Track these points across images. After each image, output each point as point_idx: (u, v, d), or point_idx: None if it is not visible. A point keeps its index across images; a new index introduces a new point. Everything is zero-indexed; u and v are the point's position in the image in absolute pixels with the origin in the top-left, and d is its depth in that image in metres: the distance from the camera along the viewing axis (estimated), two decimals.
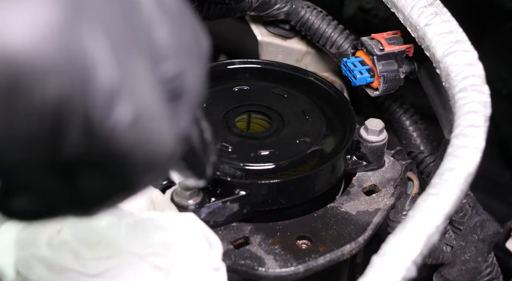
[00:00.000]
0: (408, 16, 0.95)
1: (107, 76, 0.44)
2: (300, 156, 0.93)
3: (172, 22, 0.51)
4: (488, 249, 1.03)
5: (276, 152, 0.93)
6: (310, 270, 0.84)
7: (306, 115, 1.00)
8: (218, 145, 0.92)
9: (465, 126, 0.80)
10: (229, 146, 0.92)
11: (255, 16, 1.22)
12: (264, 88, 1.05)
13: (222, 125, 0.96)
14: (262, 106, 1.01)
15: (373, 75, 1.01)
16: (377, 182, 0.98)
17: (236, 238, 0.87)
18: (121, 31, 0.46)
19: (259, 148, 0.93)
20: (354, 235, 0.88)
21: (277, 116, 0.99)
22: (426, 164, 1.14)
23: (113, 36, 0.45)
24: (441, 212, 0.72)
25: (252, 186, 0.88)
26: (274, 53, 1.25)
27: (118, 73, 0.44)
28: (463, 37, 0.91)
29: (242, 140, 0.94)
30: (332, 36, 1.15)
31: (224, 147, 0.92)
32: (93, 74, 0.43)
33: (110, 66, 0.44)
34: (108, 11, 0.45)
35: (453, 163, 0.76)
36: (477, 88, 0.84)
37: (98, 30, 0.44)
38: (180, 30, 0.52)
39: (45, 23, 0.41)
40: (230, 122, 0.97)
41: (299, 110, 1.01)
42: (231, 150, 0.92)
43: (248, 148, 0.93)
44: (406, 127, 1.15)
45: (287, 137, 0.96)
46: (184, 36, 0.52)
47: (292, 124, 0.98)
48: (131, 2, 0.48)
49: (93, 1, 0.44)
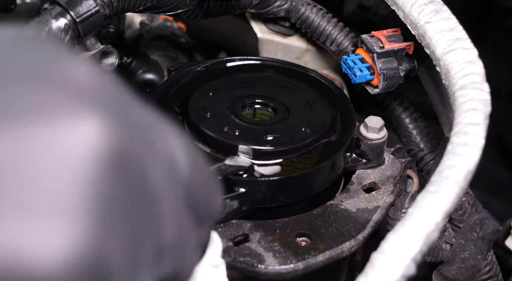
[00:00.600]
0: (408, 14, 0.95)
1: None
2: (307, 142, 0.93)
3: (180, 219, 0.51)
4: (488, 247, 1.03)
5: (282, 137, 0.93)
6: (309, 267, 0.84)
7: (312, 106, 1.00)
8: (225, 129, 0.92)
9: (465, 124, 0.80)
10: (236, 130, 0.93)
11: (255, 14, 1.22)
12: (270, 79, 1.06)
13: (228, 113, 0.96)
14: (267, 97, 1.01)
15: (373, 72, 1.01)
16: (377, 179, 0.98)
17: (235, 235, 0.87)
18: (136, 236, 0.46)
19: (266, 133, 0.93)
20: (353, 232, 0.88)
21: (283, 106, 0.99)
22: (426, 162, 1.14)
23: (130, 246, 0.45)
24: (441, 210, 0.72)
25: (251, 183, 0.88)
26: (274, 51, 1.25)
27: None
28: (463, 34, 0.91)
29: (249, 126, 0.94)
30: (332, 33, 1.15)
31: (231, 131, 0.93)
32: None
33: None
34: (128, 219, 0.45)
35: (453, 161, 0.76)
36: (477, 86, 0.84)
37: (119, 247, 0.44)
38: (186, 225, 0.52)
39: (74, 249, 0.40)
40: (236, 111, 0.97)
41: (305, 101, 1.01)
42: (238, 134, 0.92)
43: (255, 133, 0.93)
44: (406, 125, 1.15)
45: (293, 125, 0.96)
46: (189, 231, 0.53)
47: (297, 114, 0.98)
48: (148, 200, 0.47)
49: (119, 214, 0.44)
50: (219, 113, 0.96)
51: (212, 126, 0.93)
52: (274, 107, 1.00)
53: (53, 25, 0.89)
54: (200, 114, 0.95)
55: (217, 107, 0.97)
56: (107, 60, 0.99)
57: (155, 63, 1.34)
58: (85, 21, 0.91)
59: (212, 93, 1.00)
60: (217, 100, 0.99)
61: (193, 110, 0.96)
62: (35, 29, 0.87)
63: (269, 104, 1.00)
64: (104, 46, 0.97)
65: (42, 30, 0.88)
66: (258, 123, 0.97)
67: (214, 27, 1.60)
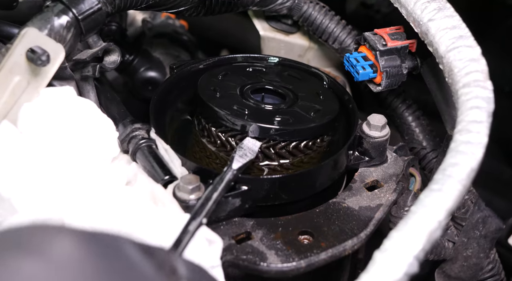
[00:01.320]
0: (411, 11, 0.95)
1: None
2: (315, 126, 0.94)
3: None
4: (490, 245, 1.03)
5: (290, 119, 0.94)
6: (311, 265, 0.84)
7: (320, 95, 1.00)
8: (235, 107, 0.94)
9: (468, 122, 0.79)
10: (246, 109, 0.94)
11: (258, 11, 1.21)
12: (278, 69, 1.07)
13: (238, 97, 0.97)
14: (277, 84, 1.02)
15: (376, 70, 1.00)
16: (379, 177, 0.98)
17: (238, 233, 0.86)
18: None
19: (275, 114, 0.94)
20: (356, 230, 0.88)
21: (291, 93, 1.00)
22: (429, 160, 1.14)
23: None
24: (444, 208, 0.72)
25: (254, 181, 0.88)
26: (276, 48, 1.25)
27: None
28: (466, 32, 0.91)
29: (259, 108, 0.95)
30: (335, 31, 1.15)
31: (241, 109, 0.93)
32: None
33: None
34: None
35: (456, 159, 0.76)
36: (480, 84, 0.83)
37: None
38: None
39: None
40: (246, 95, 0.98)
41: (313, 90, 1.02)
42: (247, 113, 0.93)
43: (264, 114, 0.94)
44: (409, 122, 1.15)
45: (302, 109, 0.97)
46: None
47: (306, 100, 0.99)
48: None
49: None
50: (229, 94, 0.97)
51: (222, 104, 0.94)
52: (282, 93, 1.00)
53: (55, 22, 0.89)
54: (210, 93, 0.96)
55: (227, 88, 0.98)
56: (109, 58, 0.99)
57: (157, 60, 1.34)
58: (87, 19, 0.91)
59: (222, 77, 1.01)
60: (227, 83, 1.00)
61: (203, 89, 0.97)
62: (37, 26, 0.87)
63: (278, 91, 1.01)
64: (106, 43, 0.97)
65: (44, 27, 0.87)
66: (267, 105, 0.97)
67: (216, 24, 1.60)
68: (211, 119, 0.95)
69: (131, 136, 0.93)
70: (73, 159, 0.84)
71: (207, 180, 0.87)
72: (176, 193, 0.85)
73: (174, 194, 0.85)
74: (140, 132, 0.94)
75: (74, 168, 0.83)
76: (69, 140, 0.85)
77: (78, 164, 0.83)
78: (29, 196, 0.79)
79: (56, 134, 0.84)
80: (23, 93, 0.86)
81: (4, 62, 0.84)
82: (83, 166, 0.84)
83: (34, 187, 0.80)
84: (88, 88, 0.99)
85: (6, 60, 0.84)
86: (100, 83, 1.02)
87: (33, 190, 0.80)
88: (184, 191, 0.85)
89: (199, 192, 0.85)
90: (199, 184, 0.85)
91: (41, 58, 0.83)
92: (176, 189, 0.86)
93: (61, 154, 0.83)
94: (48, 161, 0.82)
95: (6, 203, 0.80)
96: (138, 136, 0.93)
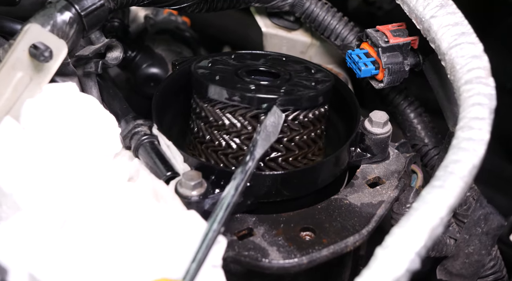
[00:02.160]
0: (413, 8, 0.95)
1: None
2: (322, 90, 0.94)
3: None
4: (492, 242, 1.03)
5: (296, 89, 0.93)
6: (313, 261, 0.84)
7: (311, 69, 1.01)
8: (239, 85, 0.93)
9: (470, 119, 0.80)
10: (252, 86, 0.93)
11: (260, 8, 1.22)
12: (262, 56, 1.07)
13: (236, 78, 0.96)
14: (267, 66, 1.01)
15: (378, 67, 1.00)
16: (381, 174, 0.98)
17: (239, 230, 0.87)
18: None
19: (280, 87, 0.94)
20: (357, 227, 0.88)
21: (283, 71, 1.00)
22: (430, 156, 1.14)
23: None
24: (446, 205, 0.72)
25: (256, 177, 0.88)
26: (278, 45, 1.25)
27: None
28: (468, 29, 0.91)
29: (262, 85, 0.95)
30: (337, 28, 1.15)
31: (246, 87, 0.92)
32: None
33: None
34: None
35: (458, 156, 0.76)
36: (482, 81, 0.83)
37: None
38: None
39: None
40: (242, 76, 0.97)
41: (302, 66, 1.02)
42: (254, 89, 0.92)
43: (270, 88, 0.93)
44: (411, 119, 1.15)
45: (302, 80, 0.97)
46: None
47: (300, 74, 0.99)
48: None
49: None
50: (227, 76, 0.96)
51: (226, 83, 0.93)
52: (276, 72, 1.00)
53: (58, 18, 0.89)
54: (210, 77, 0.95)
55: (222, 72, 0.97)
56: (111, 54, 0.99)
57: (160, 57, 1.34)
58: (90, 15, 0.91)
59: (211, 65, 1.00)
60: (220, 68, 0.99)
61: (200, 74, 0.96)
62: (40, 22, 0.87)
63: (271, 71, 1.00)
64: (109, 40, 0.97)
65: (47, 23, 0.88)
66: (267, 81, 0.97)
67: (219, 21, 1.60)
68: (216, 101, 0.93)
69: (133, 132, 0.93)
70: (76, 155, 0.84)
71: (209, 176, 0.87)
72: (178, 189, 0.85)
73: (176, 190, 0.85)
74: (142, 128, 0.94)
75: (76, 164, 0.83)
76: (71, 136, 0.85)
77: (80, 160, 0.84)
78: (32, 192, 0.79)
79: (58, 130, 0.84)
80: (25, 89, 0.86)
81: (6, 58, 0.84)
82: (85, 162, 0.84)
83: (36, 183, 0.80)
84: (91, 84, 0.99)
85: (9, 56, 0.84)
86: (102, 79, 1.02)
87: (35, 186, 0.80)
88: (186, 187, 0.85)
89: (201, 189, 0.85)
90: (201, 180, 0.85)
91: (43, 54, 0.83)
92: (178, 185, 0.86)
93: (64, 150, 0.84)
94: (51, 157, 0.82)
95: (9, 199, 0.80)
96: (140, 132, 0.93)
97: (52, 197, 0.80)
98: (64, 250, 0.75)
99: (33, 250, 0.75)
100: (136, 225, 0.78)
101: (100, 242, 0.77)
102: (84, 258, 0.75)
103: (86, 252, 0.76)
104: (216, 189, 0.87)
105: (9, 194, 0.79)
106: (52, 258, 0.75)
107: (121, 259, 0.76)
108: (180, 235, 0.78)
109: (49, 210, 0.78)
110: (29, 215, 0.77)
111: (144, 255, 0.76)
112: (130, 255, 0.76)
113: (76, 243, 0.76)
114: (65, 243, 0.76)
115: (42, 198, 0.79)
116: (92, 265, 0.75)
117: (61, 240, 0.76)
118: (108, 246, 0.76)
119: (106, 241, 0.77)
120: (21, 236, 0.76)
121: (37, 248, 0.75)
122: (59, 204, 0.79)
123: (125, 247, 0.76)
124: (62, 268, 0.74)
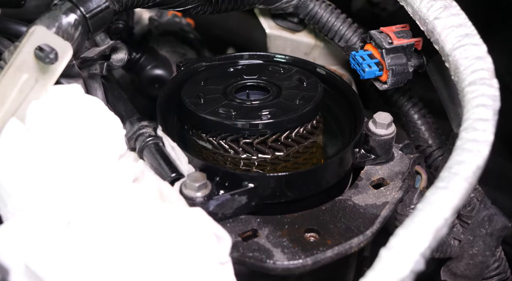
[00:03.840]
0: (417, 10, 0.95)
1: None
2: (301, 112, 0.95)
3: None
4: (496, 244, 1.03)
5: (277, 111, 0.95)
6: (318, 262, 0.84)
7: (303, 82, 1.01)
8: (220, 110, 0.95)
9: (474, 120, 0.80)
10: (233, 110, 0.95)
11: (264, 9, 1.22)
12: (260, 65, 1.08)
13: (222, 98, 0.98)
14: (259, 80, 1.03)
15: (382, 68, 1.01)
16: (385, 175, 0.98)
17: (244, 231, 0.87)
18: None
19: (261, 109, 0.95)
20: (362, 228, 0.88)
21: (274, 85, 1.01)
22: (434, 158, 1.14)
23: None
24: (450, 206, 0.72)
25: (260, 178, 0.88)
26: (282, 46, 1.25)
27: None
28: (472, 30, 0.91)
29: (244, 107, 0.96)
30: (341, 29, 1.15)
31: (227, 112, 0.95)
32: None
33: None
34: None
35: (462, 157, 0.76)
36: (486, 82, 0.83)
37: None
38: None
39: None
40: (230, 95, 0.99)
41: (296, 78, 1.03)
42: (234, 114, 0.94)
43: (251, 111, 0.95)
44: (415, 120, 1.15)
45: (287, 99, 0.98)
46: None
47: (290, 89, 1.00)
48: None
49: None
50: (213, 98, 0.98)
51: (207, 110, 0.95)
52: (266, 87, 1.01)
53: (63, 20, 0.89)
54: (194, 101, 0.97)
55: (210, 92, 0.99)
56: (116, 56, 0.99)
57: (164, 58, 1.34)
58: (95, 17, 0.91)
59: (204, 83, 1.02)
60: (210, 88, 1.00)
61: (187, 97, 0.98)
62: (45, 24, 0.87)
63: (260, 85, 1.02)
64: (114, 41, 0.97)
65: (52, 25, 0.88)
66: (253, 101, 0.98)
67: (223, 23, 1.60)
68: (199, 126, 0.96)
69: (138, 133, 0.94)
70: (81, 156, 0.84)
71: (214, 177, 0.88)
72: (183, 191, 0.86)
73: (181, 191, 0.86)
74: (147, 130, 0.94)
75: (81, 165, 0.83)
76: (76, 137, 0.85)
77: (85, 161, 0.84)
78: (36, 193, 0.80)
79: (63, 131, 0.85)
80: (31, 90, 0.86)
81: (12, 60, 0.84)
82: (90, 163, 0.84)
83: (41, 184, 0.80)
84: (96, 86, 1.00)
85: (15, 58, 0.84)
86: (107, 81, 1.03)
87: (41, 187, 0.80)
88: (190, 188, 0.85)
89: (206, 190, 0.86)
90: (206, 181, 0.86)
91: (49, 56, 0.84)
92: (183, 186, 0.86)
93: (69, 151, 0.84)
94: (56, 158, 0.82)
95: (13, 200, 0.80)
96: (145, 133, 0.93)
97: (56, 198, 0.80)
98: (68, 250, 0.76)
99: (36, 250, 0.75)
100: (142, 225, 0.79)
101: (105, 242, 0.77)
102: (89, 257, 0.76)
103: (91, 252, 0.76)
104: (221, 191, 0.87)
105: (14, 195, 0.80)
106: (56, 258, 0.75)
107: (126, 259, 0.76)
108: (186, 233, 0.78)
109: (53, 211, 0.79)
110: (32, 215, 0.78)
111: (150, 255, 0.76)
112: (136, 255, 0.76)
113: (81, 243, 0.77)
114: (69, 243, 0.76)
115: (46, 199, 0.80)
116: (97, 265, 0.75)
117: (66, 240, 0.77)
118: (114, 246, 0.77)
119: (111, 241, 0.77)
120: (23, 236, 0.76)
121: (40, 248, 0.75)
122: (64, 205, 0.80)
123: (131, 247, 0.77)
124: (66, 268, 0.75)
